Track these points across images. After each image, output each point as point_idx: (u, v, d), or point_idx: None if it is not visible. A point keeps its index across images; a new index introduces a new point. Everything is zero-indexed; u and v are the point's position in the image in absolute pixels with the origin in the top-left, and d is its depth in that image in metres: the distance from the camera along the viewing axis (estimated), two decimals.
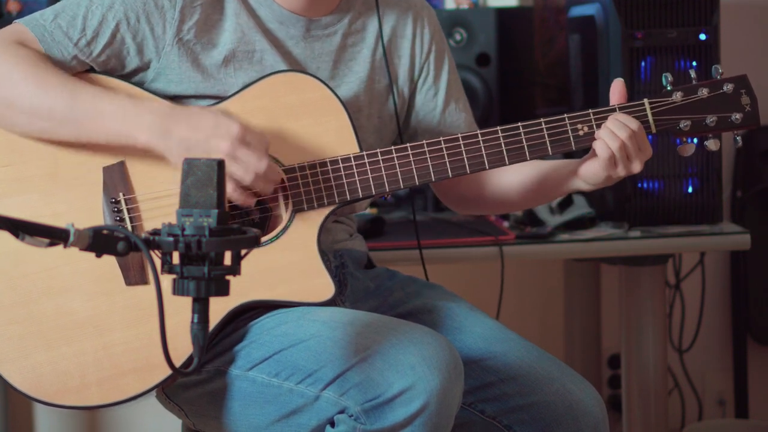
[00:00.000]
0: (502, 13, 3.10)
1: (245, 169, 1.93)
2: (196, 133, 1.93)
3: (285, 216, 2.03)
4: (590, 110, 2.05)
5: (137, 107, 1.96)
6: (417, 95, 2.24)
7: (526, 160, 2.06)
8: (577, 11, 3.02)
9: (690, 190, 2.75)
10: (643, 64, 2.73)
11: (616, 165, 2.03)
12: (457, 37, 3.07)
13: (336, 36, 2.15)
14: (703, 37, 2.72)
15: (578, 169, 2.08)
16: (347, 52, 2.16)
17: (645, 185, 2.76)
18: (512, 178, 2.20)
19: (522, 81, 3.21)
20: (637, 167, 2.04)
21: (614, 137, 2.02)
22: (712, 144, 2.09)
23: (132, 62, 2.05)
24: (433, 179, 2.05)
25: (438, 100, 2.24)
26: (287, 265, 2.02)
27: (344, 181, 2.03)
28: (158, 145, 1.95)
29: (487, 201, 2.26)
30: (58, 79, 1.97)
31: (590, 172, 2.06)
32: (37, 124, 1.98)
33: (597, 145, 2.03)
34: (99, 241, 1.57)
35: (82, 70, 2.04)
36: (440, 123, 2.24)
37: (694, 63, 2.72)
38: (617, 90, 2.08)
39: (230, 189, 1.94)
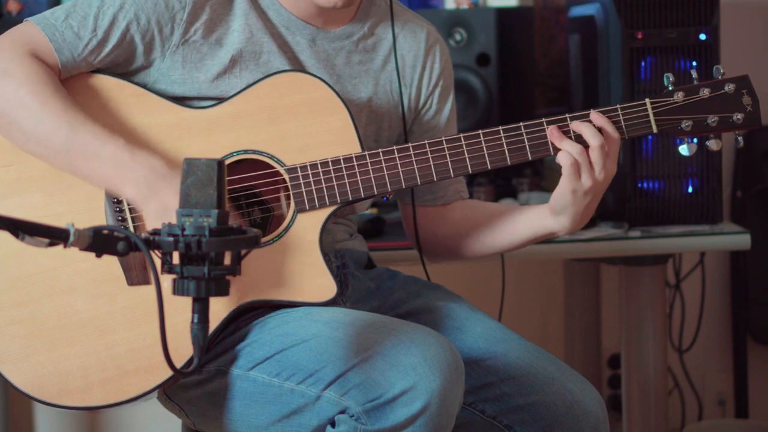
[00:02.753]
0: (502, 13, 3.10)
1: None
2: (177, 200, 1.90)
3: (287, 216, 2.03)
4: (591, 110, 2.05)
5: (133, 159, 1.94)
6: (415, 125, 2.24)
7: (527, 159, 2.05)
8: (577, 11, 3.02)
9: (690, 190, 2.75)
10: (643, 64, 2.73)
11: (579, 175, 2.02)
12: (457, 37, 3.07)
13: (342, 52, 2.15)
14: (703, 37, 2.72)
15: (550, 205, 2.07)
16: (353, 69, 2.16)
17: (645, 185, 2.76)
18: (491, 218, 2.19)
19: (522, 81, 3.21)
20: (601, 175, 2.01)
21: (573, 145, 2.01)
22: (713, 144, 2.09)
23: (138, 61, 2.04)
24: (435, 179, 2.05)
25: (434, 133, 2.23)
26: (289, 265, 2.01)
27: (346, 180, 2.03)
28: (140, 205, 1.93)
29: (460, 240, 2.23)
30: (63, 108, 1.95)
31: (557, 195, 2.04)
32: (33, 147, 1.97)
33: (560, 156, 2.02)
34: (99, 241, 1.57)
35: (88, 70, 2.03)
36: None
37: (694, 63, 2.72)
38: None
39: None
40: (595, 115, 2.04)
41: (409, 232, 2.28)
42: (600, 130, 2.02)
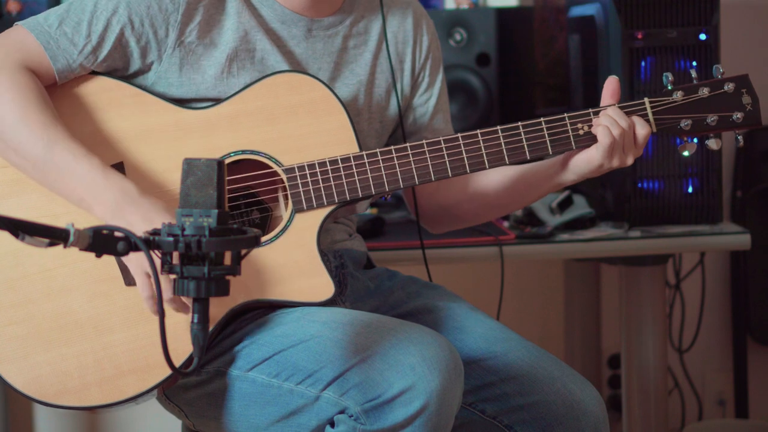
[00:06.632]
0: (502, 13, 3.10)
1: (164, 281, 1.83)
2: (144, 225, 1.88)
3: (285, 216, 2.03)
4: (590, 109, 2.06)
5: (107, 180, 1.93)
6: (412, 99, 2.24)
7: (526, 160, 2.06)
8: (577, 11, 3.02)
9: (690, 190, 2.75)
10: (643, 64, 2.73)
11: (613, 154, 2.03)
12: (457, 37, 3.07)
13: (338, 37, 2.15)
14: (703, 37, 2.72)
15: (568, 161, 2.09)
16: (349, 54, 2.17)
17: (645, 185, 2.76)
18: (493, 176, 2.21)
19: (522, 81, 3.21)
20: (630, 160, 2.05)
21: (617, 124, 2.02)
22: (713, 143, 2.09)
23: (135, 65, 2.04)
24: (433, 179, 2.05)
25: (429, 105, 2.25)
26: (287, 265, 2.02)
27: (344, 181, 2.03)
28: (107, 223, 1.92)
29: (465, 206, 2.25)
30: (43, 122, 1.94)
31: (583, 161, 2.06)
32: (11, 156, 1.97)
33: (599, 132, 2.03)
34: (99, 241, 1.57)
35: (84, 74, 2.03)
36: (427, 128, 2.25)
37: (694, 63, 2.72)
38: (611, 87, 2.08)
39: (141, 282, 1.90)
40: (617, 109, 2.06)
41: (410, 205, 2.29)
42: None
